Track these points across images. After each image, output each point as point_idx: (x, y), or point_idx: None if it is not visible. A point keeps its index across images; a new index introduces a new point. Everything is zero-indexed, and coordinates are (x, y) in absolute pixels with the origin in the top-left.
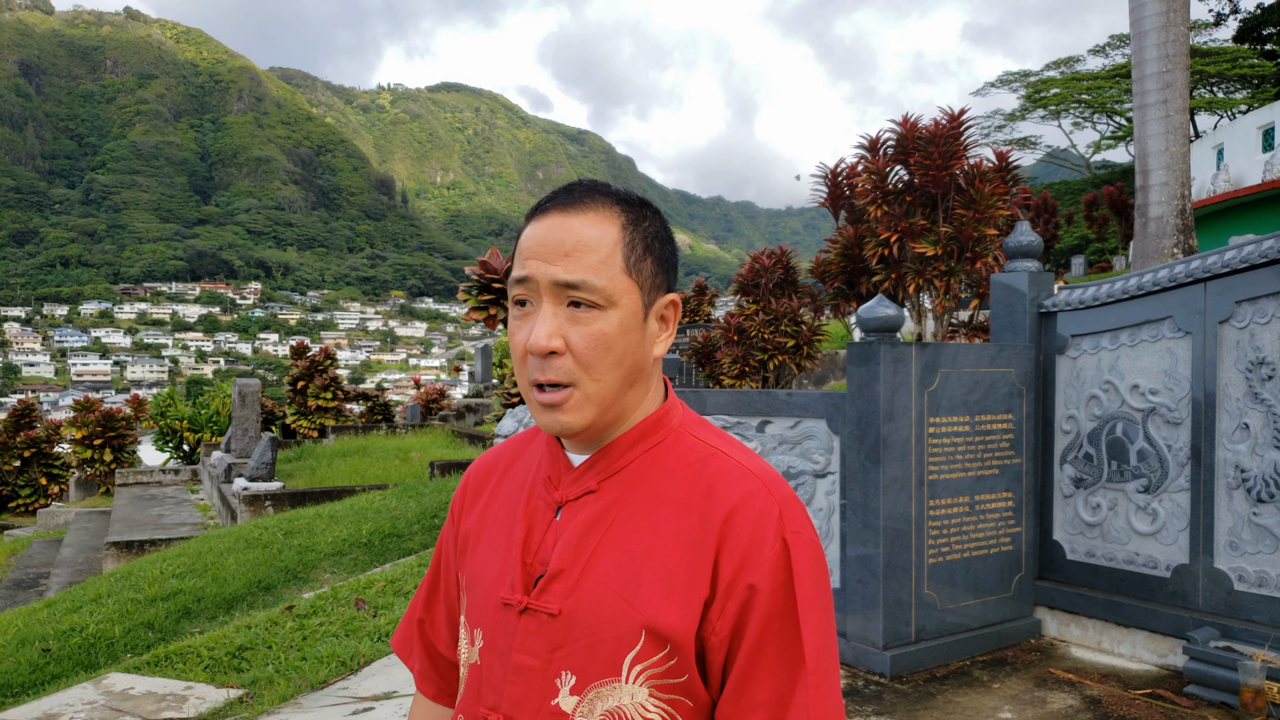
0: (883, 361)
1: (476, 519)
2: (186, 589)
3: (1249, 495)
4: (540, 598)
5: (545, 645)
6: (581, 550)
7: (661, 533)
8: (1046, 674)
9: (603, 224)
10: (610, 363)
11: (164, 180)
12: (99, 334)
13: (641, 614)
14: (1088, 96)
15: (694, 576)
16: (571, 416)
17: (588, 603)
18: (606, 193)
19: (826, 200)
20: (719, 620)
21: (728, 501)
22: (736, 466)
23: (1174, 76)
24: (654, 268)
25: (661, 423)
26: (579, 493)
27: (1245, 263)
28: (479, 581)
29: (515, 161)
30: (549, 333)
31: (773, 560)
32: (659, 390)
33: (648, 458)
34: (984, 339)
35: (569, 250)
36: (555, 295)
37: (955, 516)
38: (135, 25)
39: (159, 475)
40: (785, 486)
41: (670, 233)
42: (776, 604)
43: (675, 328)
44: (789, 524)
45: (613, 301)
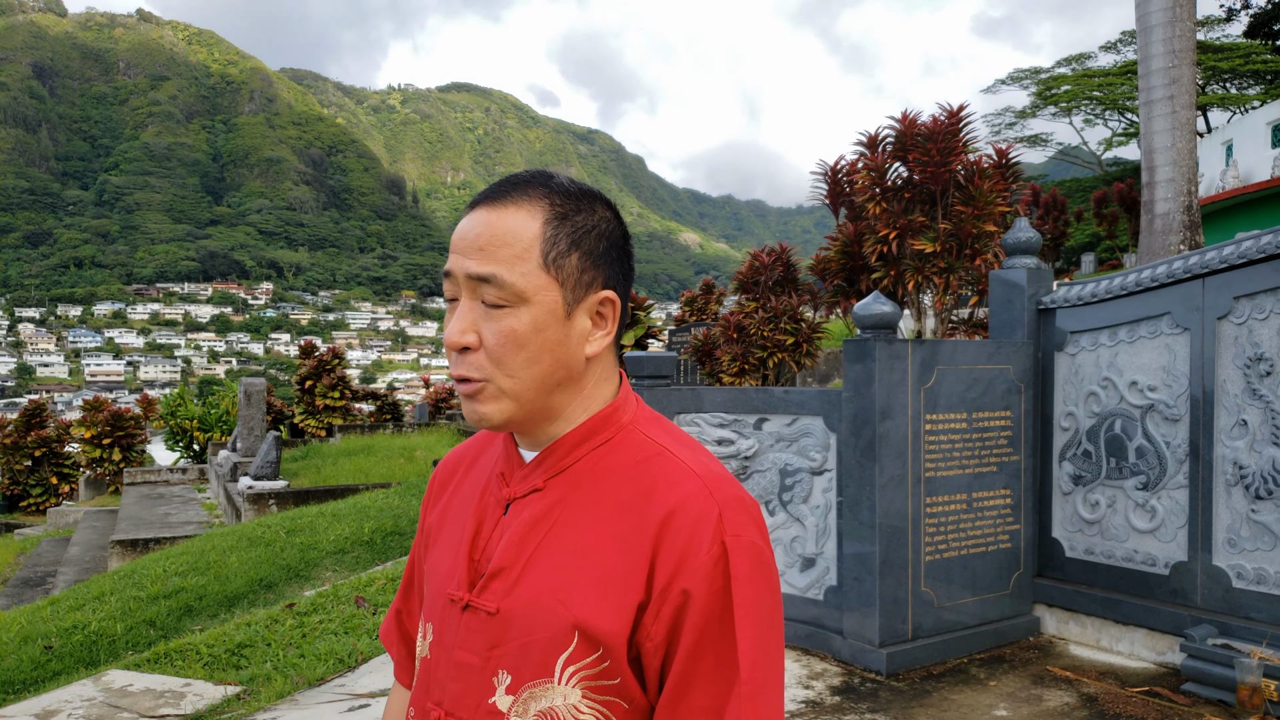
0: (879, 358)
1: (439, 514)
2: (189, 587)
3: (1247, 492)
4: (481, 595)
5: (484, 643)
6: (523, 549)
7: (602, 533)
8: (1044, 671)
9: (523, 218)
10: (522, 360)
11: (176, 181)
12: (112, 334)
13: (574, 615)
14: (1099, 93)
15: (629, 579)
16: (488, 408)
17: (525, 602)
18: (541, 184)
19: (827, 197)
20: (653, 625)
21: (667, 503)
22: (679, 467)
23: (1180, 72)
24: (582, 263)
25: (610, 420)
26: (526, 490)
27: (1243, 258)
28: (434, 576)
29: (525, 161)
30: (462, 328)
31: (709, 565)
32: (606, 387)
33: (594, 456)
34: (984, 336)
35: (484, 244)
36: (471, 290)
37: (953, 514)
38: (147, 27)
39: (167, 474)
40: (731, 488)
41: (617, 228)
42: (713, 610)
43: (615, 325)
44: (729, 527)
45: (524, 298)
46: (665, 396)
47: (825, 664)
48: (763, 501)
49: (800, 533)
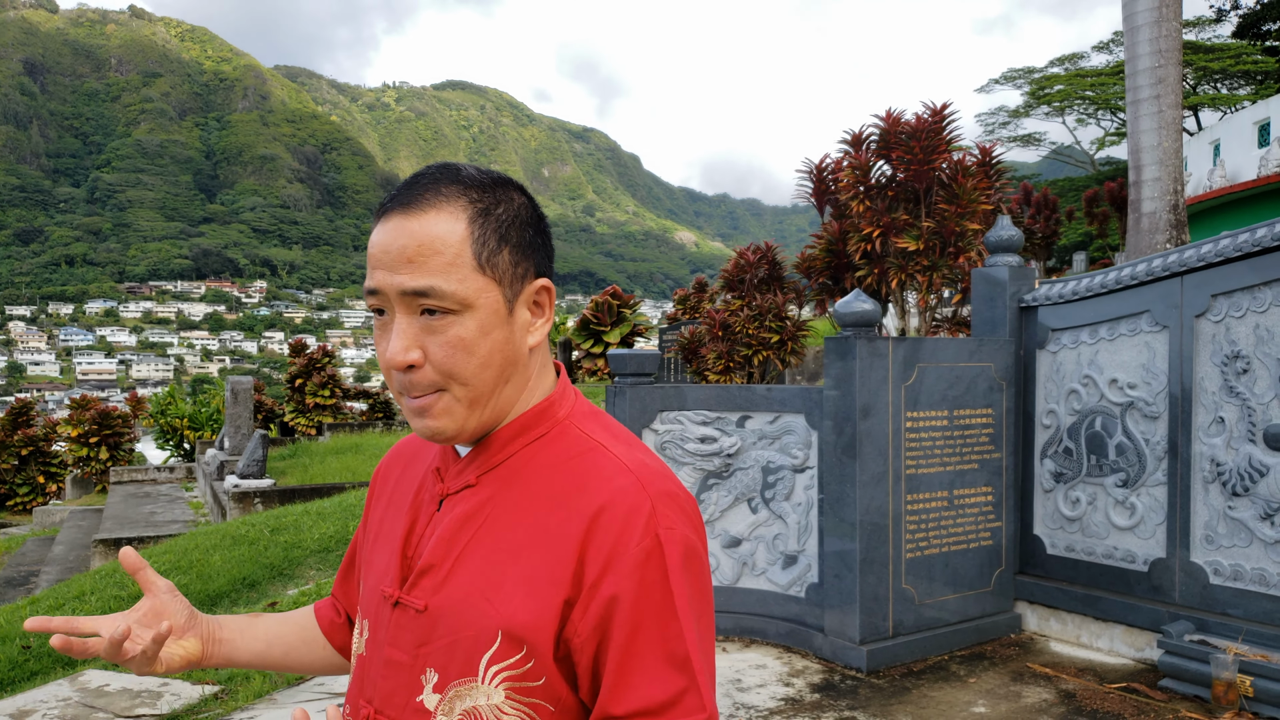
0: (860, 356)
1: (382, 508)
2: None
3: (1224, 489)
4: (410, 592)
5: (413, 641)
6: (453, 546)
7: (532, 530)
8: (1024, 668)
9: (446, 221)
10: (475, 367)
11: (169, 179)
12: (104, 333)
13: (500, 613)
14: (1091, 93)
15: (557, 576)
16: (441, 422)
17: (452, 600)
18: (454, 180)
19: (812, 195)
20: (581, 622)
21: (597, 498)
22: (612, 462)
23: (1166, 72)
24: (513, 257)
25: (545, 415)
26: (459, 486)
27: (1220, 256)
28: (370, 572)
29: (521, 159)
30: (404, 346)
31: (640, 558)
32: (544, 380)
33: (528, 452)
34: (967, 333)
35: (411, 256)
36: (406, 305)
37: (934, 511)
38: (139, 24)
39: (154, 473)
40: (664, 482)
41: (534, 212)
42: (646, 604)
43: (552, 312)
44: (661, 520)
45: (467, 304)
46: (648, 394)
47: (806, 661)
48: (745, 499)
49: (782, 530)
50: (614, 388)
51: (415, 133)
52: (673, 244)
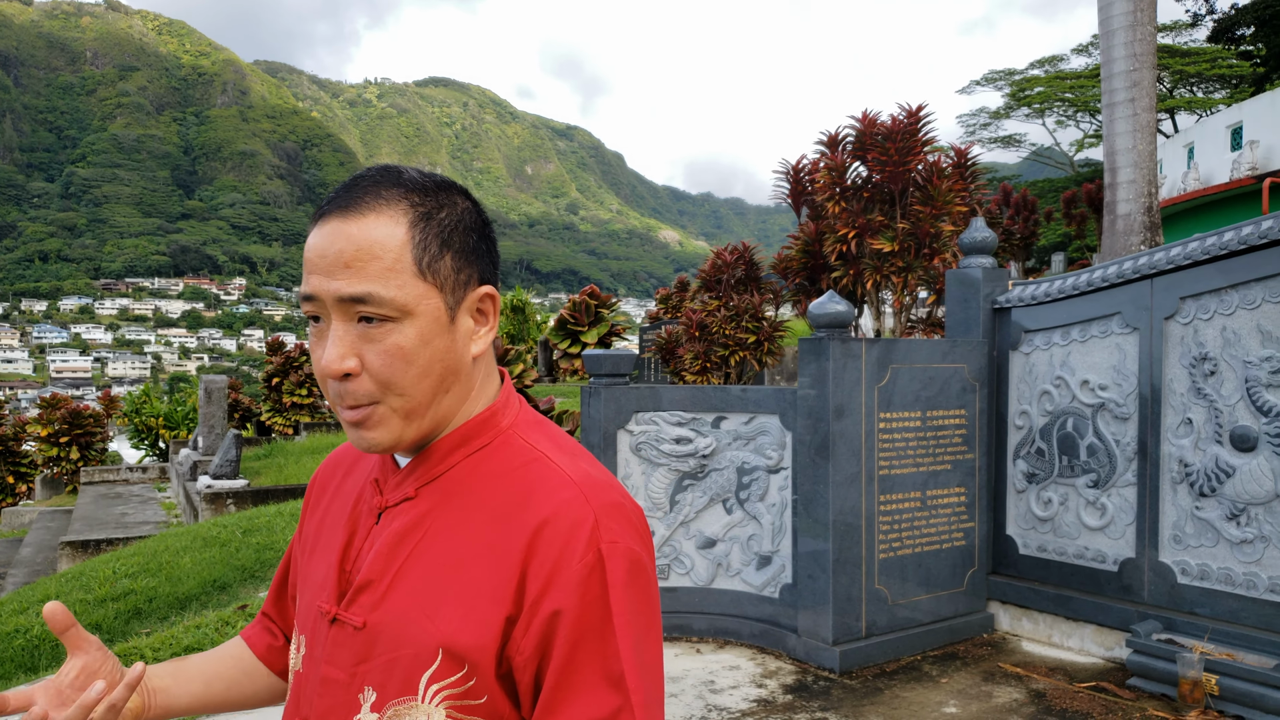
0: (833, 357)
1: (318, 520)
2: (138, 589)
3: (1192, 489)
4: (349, 609)
5: (351, 658)
6: (392, 560)
7: (473, 545)
8: (995, 668)
9: (386, 225)
10: (414, 376)
11: (146, 174)
12: (79, 330)
13: (440, 631)
14: (1070, 95)
15: (499, 592)
16: (378, 433)
17: (392, 617)
18: (394, 183)
19: (789, 196)
20: (523, 639)
21: (540, 512)
22: (556, 474)
23: (1141, 75)
24: (456, 263)
25: (487, 425)
26: (398, 499)
27: (1189, 259)
28: (307, 587)
29: (503, 156)
30: (340, 354)
31: (582, 574)
32: (487, 389)
33: (469, 463)
34: (941, 334)
35: (349, 261)
36: (343, 312)
37: (907, 512)
38: (116, 17)
39: (126, 473)
40: (610, 493)
41: (478, 217)
42: (589, 621)
43: (496, 321)
44: (605, 534)
45: (407, 311)
46: (623, 395)
47: (780, 662)
48: (720, 500)
49: (756, 531)
50: (589, 388)
51: (397, 129)
52: (656, 243)
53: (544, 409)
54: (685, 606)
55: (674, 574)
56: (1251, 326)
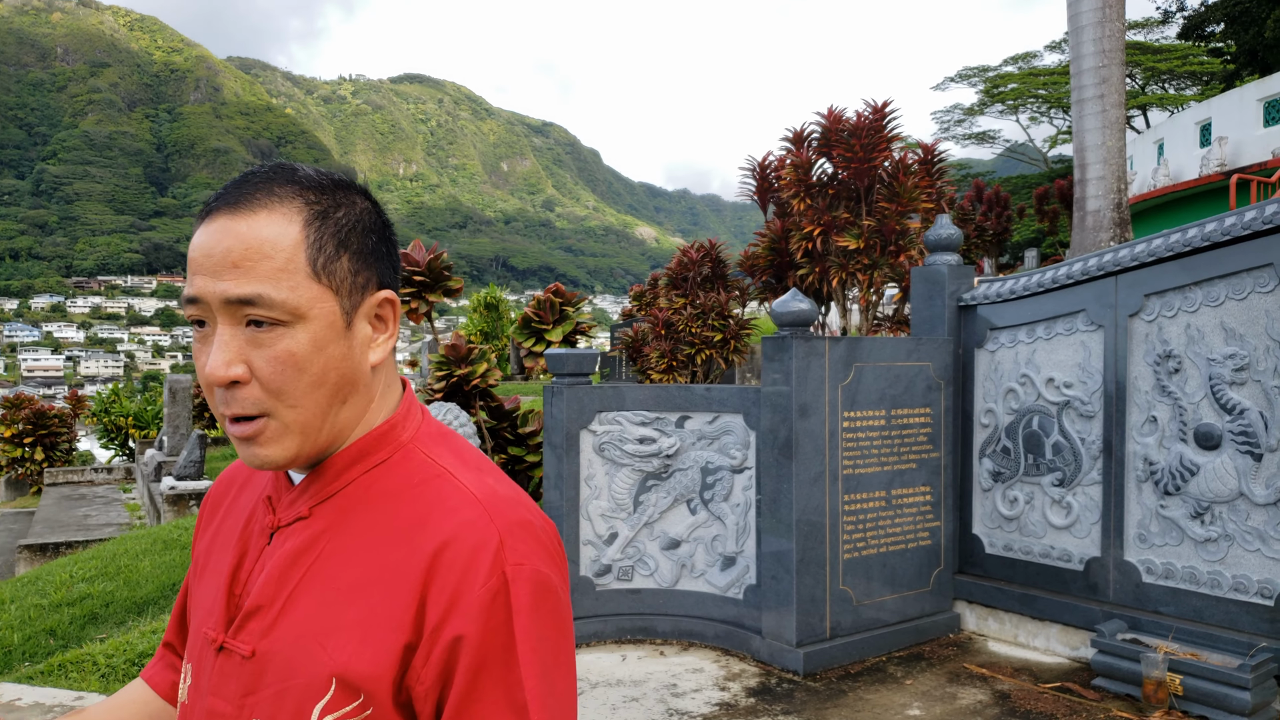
0: (796, 356)
1: (209, 540)
2: (95, 593)
3: (1157, 488)
4: (236, 636)
5: (238, 689)
6: (284, 584)
7: (370, 567)
8: (960, 669)
9: (278, 223)
10: (307, 385)
11: (118, 171)
12: (51, 328)
13: (334, 659)
14: (1044, 91)
15: (397, 618)
16: (270, 449)
17: (282, 644)
18: (288, 181)
19: (755, 193)
20: (423, 668)
21: (440, 533)
22: (458, 491)
23: (1110, 72)
24: (353, 265)
25: (386, 439)
26: (291, 518)
27: (1153, 256)
28: (196, 612)
29: (479, 153)
30: (227, 359)
31: (485, 599)
32: (388, 399)
33: (367, 479)
34: (908, 332)
35: (237, 260)
36: (229, 314)
37: (871, 511)
38: (86, 13)
39: (91, 474)
40: (516, 511)
41: (379, 219)
42: (492, 648)
43: (396, 327)
44: (510, 555)
45: (299, 314)
46: (586, 394)
47: (744, 664)
48: (684, 500)
49: (721, 531)
50: (551, 387)
51: (372, 126)
52: (633, 239)
53: (509, 408)
54: (649, 608)
55: (638, 575)
56: (1215, 324)
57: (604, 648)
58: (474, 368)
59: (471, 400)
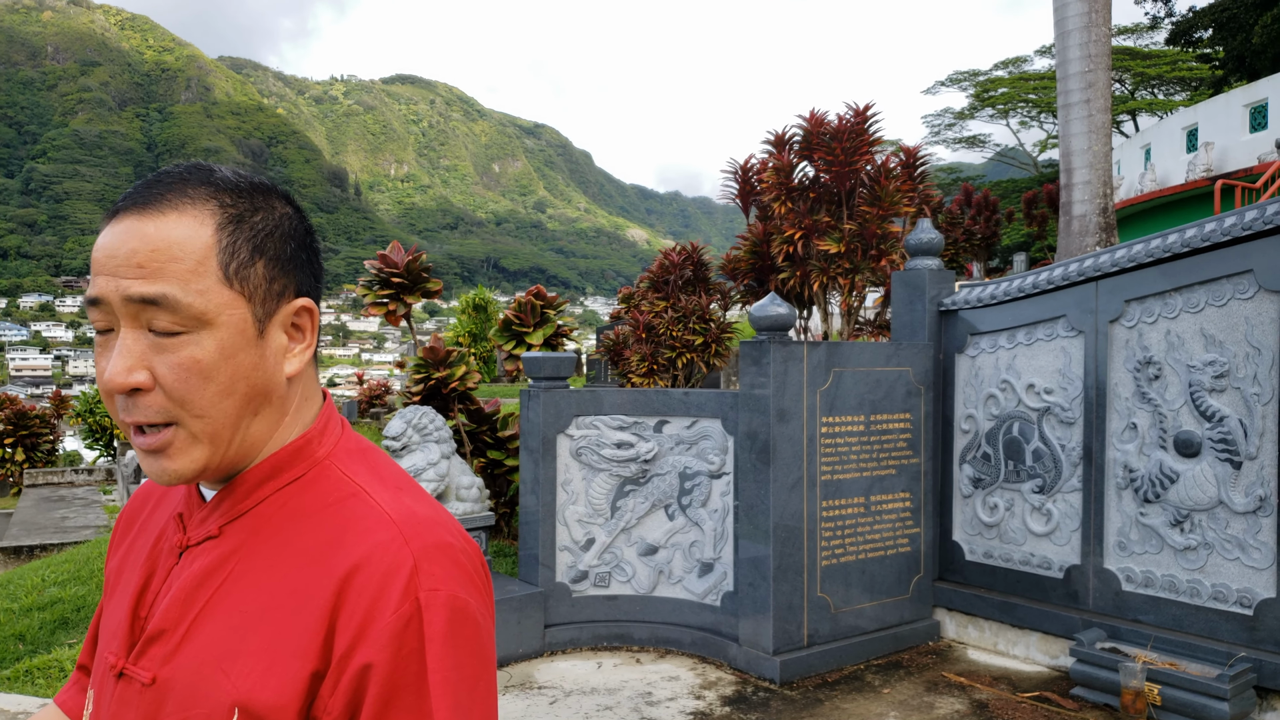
0: (773, 361)
1: (120, 559)
2: (67, 597)
3: (1137, 495)
4: (137, 661)
5: (137, 717)
6: (189, 607)
7: (279, 590)
8: (939, 677)
9: (189, 224)
10: (214, 394)
11: (108, 170)
12: (39, 328)
13: (236, 688)
14: (1034, 96)
15: (305, 645)
16: (178, 462)
17: (184, 671)
18: (203, 181)
19: (737, 196)
20: (331, 698)
21: (352, 555)
22: (373, 511)
23: (1096, 76)
24: (269, 271)
25: (301, 454)
26: (200, 537)
27: (1133, 262)
28: (102, 635)
29: (470, 154)
30: (128, 365)
31: (396, 627)
32: (304, 413)
33: (280, 497)
34: (889, 336)
35: (143, 261)
36: (133, 317)
37: (850, 517)
38: (77, 12)
39: (71, 475)
40: (433, 532)
41: (300, 225)
42: (403, 678)
43: (315, 337)
44: (424, 581)
45: (205, 319)
46: (563, 398)
47: (720, 672)
48: (662, 506)
49: (699, 537)
50: (527, 391)
51: (363, 126)
52: (624, 241)
53: (488, 411)
54: (625, 615)
55: (615, 582)
56: (1195, 330)
57: (580, 655)
58: (452, 370)
59: (450, 403)
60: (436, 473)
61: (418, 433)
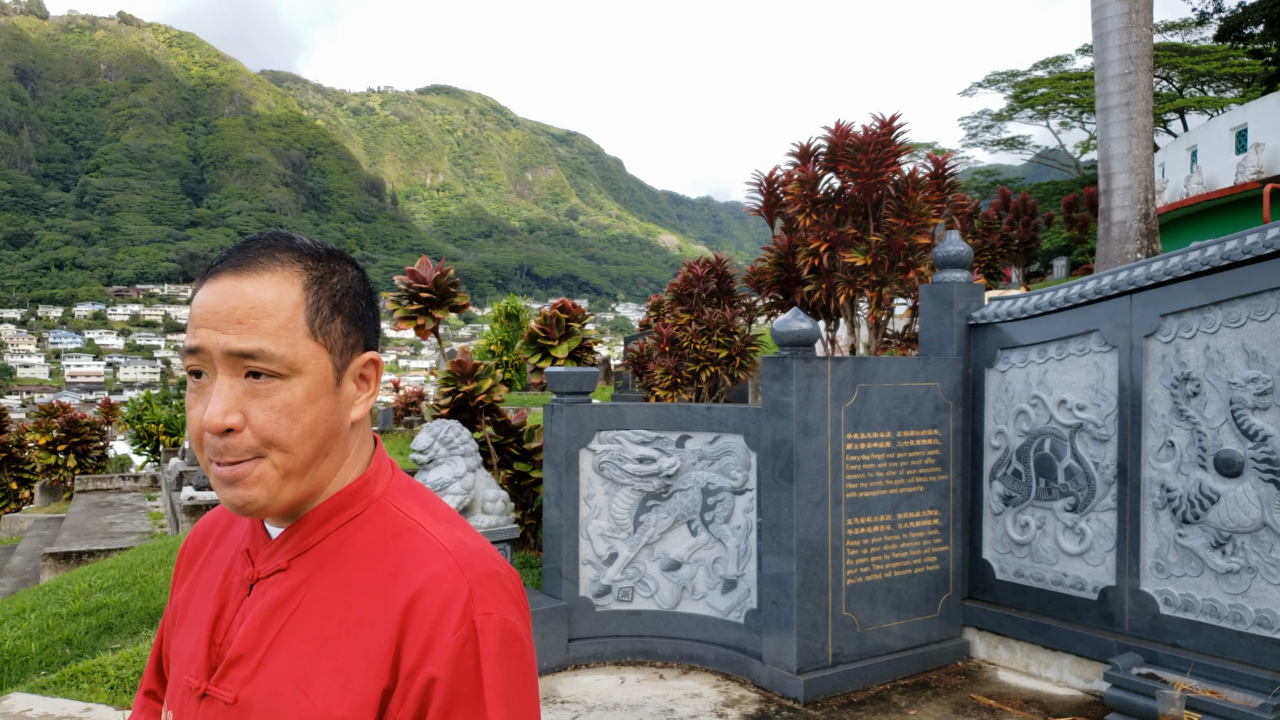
0: (796, 377)
1: (186, 590)
2: (112, 603)
3: (1175, 516)
4: (219, 684)
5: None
6: (264, 634)
7: (347, 618)
8: (968, 699)
9: (281, 285)
10: (299, 434)
11: (156, 183)
12: (92, 335)
13: (315, 706)
14: (1075, 96)
15: (374, 666)
16: (255, 491)
17: (264, 692)
18: (288, 248)
19: (762, 208)
20: (399, 712)
21: (413, 584)
22: (429, 544)
23: (1136, 78)
24: (345, 327)
25: (360, 494)
26: (270, 570)
27: (1169, 275)
28: (177, 660)
29: (504, 163)
30: (224, 409)
31: (456, 647)
32: (361, 455)
33: (342, 533)
34: (917, 350)
35: (242, 317)
36: (230, 366)
37: (877, 535)
38: (128, 30)
39: (119, 482)
40: (484, 563)
41: (367, 286)
42: (462, 692)
43: (377, 387)
44: (479, 605)
45: (296, 369)
46: (585, 413)
47: (744, 690)
48: (685, 521)
49: (722, 554)
50: (551, 406)
51: (400, 137)
52: (656, 248)
53: (515, 423)
54: (649, 630)
55: (638, 597)
56: (1236, 345)
57: (603, 669)
58: (479, 384)
59: (478, 415)
60: (462, 486)
61: (444, 446)
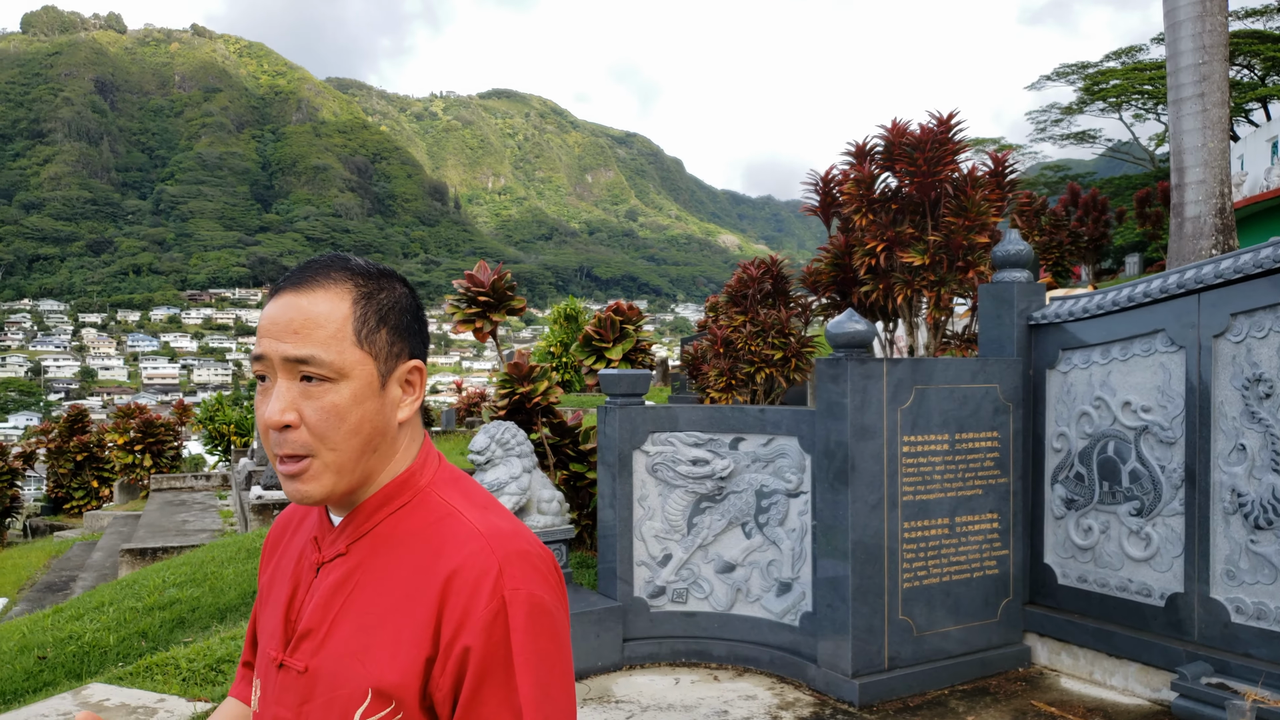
0: (850, 379)
1: (270, 575)
2: (183, 598)
3: (1246, 521)
4: (293, 655)
5: (296, 699)
6: (328, 610)
7: (396, 595)
8: (1028, 706)
9: (332, 300)
10: (345, 432)
11: (227, 190)
12: (168, 338)
13: (370, 673)
14: (1150, 87)
15: (419, 637)
16: (310, 485)
17: (329, 661)
18: (343, 268)
19: (818, 208)
20: (440, 677)
21: (451, 563)
22: (465, 527)
23: (1211, 69)
24: (390, 337)
25: (408, 484)
26: (332, 554)
27: (1240, 273)
28: (262, 635)
29: (565, 166)
30: (282, 408)
31: (487, 619)
32: (410, 450)
33: (392, 520)
34: (976, 351)
35: (297, 328)
36: (288, 371)
37: (934, 539)
38: (201, 42)
39: (191, 481)
40: (515, 542)
41: (415, 302)
42: (493, 660)
43: (422, 391)
44: (508, 581)
45: (344, 374)
46: (638, 415)
47: (799, 693)
48: (739, 523)
49: (776, 556)
50: (604, 408)
51: (462, 141)
52: (716, 248)
53: (571, 424)
54: (703, 632)
55: (692, 598)
56: None
57: (658, 670)
58: (535, 385)
59: (534, 417)
60: (518, 486)
61: (500, 447)
